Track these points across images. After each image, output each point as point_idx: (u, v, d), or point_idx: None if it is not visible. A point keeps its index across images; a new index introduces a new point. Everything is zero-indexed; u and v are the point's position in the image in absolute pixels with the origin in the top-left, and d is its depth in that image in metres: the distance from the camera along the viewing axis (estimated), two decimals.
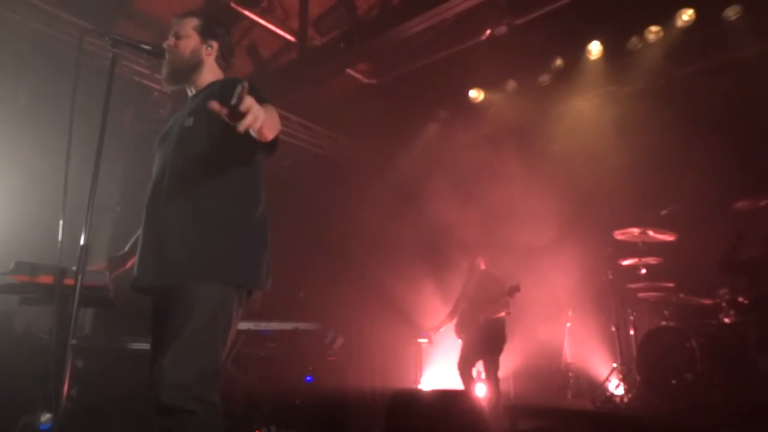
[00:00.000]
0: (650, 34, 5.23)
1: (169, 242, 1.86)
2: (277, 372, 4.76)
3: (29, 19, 4.68)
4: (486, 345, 4.95)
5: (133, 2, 5.32)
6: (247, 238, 1.93)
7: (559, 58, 5.73)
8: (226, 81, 2.14)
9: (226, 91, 1.96)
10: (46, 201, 4.09)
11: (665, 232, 4.72)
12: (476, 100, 6.40)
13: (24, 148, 4.73)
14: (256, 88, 1.82)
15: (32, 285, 1.91)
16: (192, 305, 1.77)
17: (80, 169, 2.01)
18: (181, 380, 1.70)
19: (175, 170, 1.94)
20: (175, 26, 2.19)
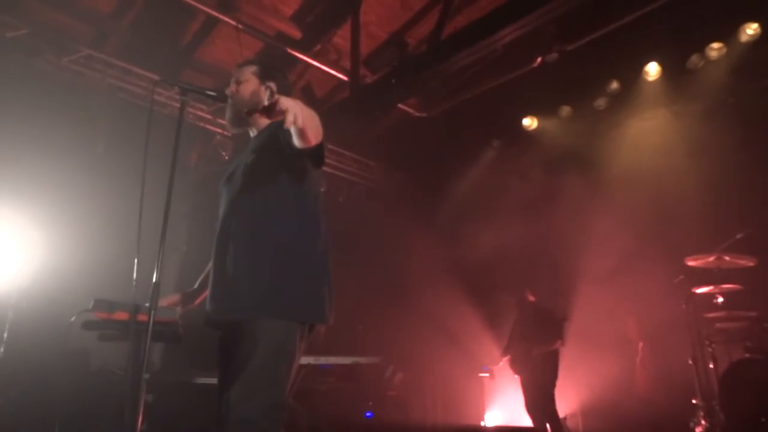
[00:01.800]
0: (712, 51, 5.03)
1: (235, 279, 1.93)
2: (337, 407, 4.74)
3: (106, 75, 5.07)
4: (543, 379, 4.83)
5: (196, 54, 5.68)
6: (309, 274, 1.97)
7: (615, 81, 5.60)
8: (281, 121, 2.23)
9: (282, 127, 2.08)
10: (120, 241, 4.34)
11: (743, 257, 4.41)
12: (530, 128, 6.33)
13: (101, 193, 5.07)
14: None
15: (110, 322, 2.00)
16: (257, 340, 1.81)
17: (151, 211, 2.13)
18: (246, 414, 1.73)
19: (239, 208, 2.03)
20: (236, 74, 2.31)
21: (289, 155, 1.91)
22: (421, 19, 5.60)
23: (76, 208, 4.95)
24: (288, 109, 1.63)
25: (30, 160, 4.71)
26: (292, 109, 1.63)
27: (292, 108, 1.63)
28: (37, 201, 4.60)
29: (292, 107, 1.64)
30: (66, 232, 4.72)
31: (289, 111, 1.63)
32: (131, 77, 5.26)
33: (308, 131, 1.76)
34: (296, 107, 1.65)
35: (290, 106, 1.63)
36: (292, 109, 1.63)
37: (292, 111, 1.63)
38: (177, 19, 5.30)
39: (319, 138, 1.83)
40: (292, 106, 1.64)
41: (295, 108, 1.64)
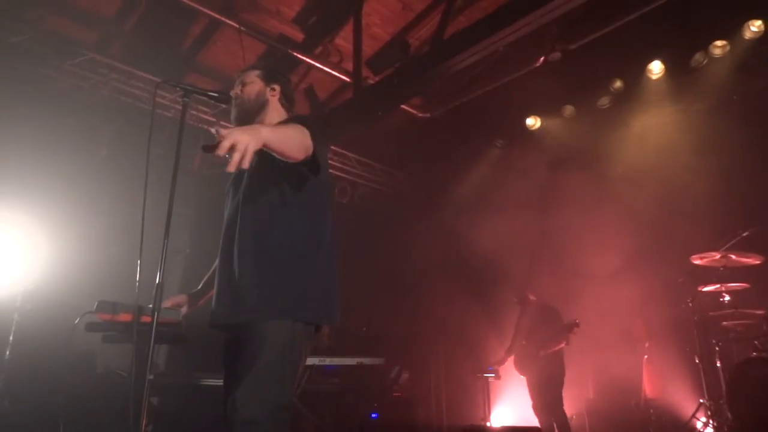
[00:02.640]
0: (716, 49, 5.01)
1: (241, 281, 1.93)
2: (342, 408, 4.73)
3: (109, 78, 5.09)
4: (549, 379, 4.82)
5: (198, 56, 5.69)
6: (315, 275, 1.97)
7: (618, 80, 5.58)
8: (289, 119, 2.23)
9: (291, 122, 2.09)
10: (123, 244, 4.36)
11: (749, 255, 4.39)
12: (533, 128, 6.32)
13: (104, 195, 5.09)
14: (299, 118, 2.01)
15: (113, 323, 2.01)
16: (263, 341, 1.82)
17: (154, 213, 2.13)
18: (252, 415, 1.73)
19: (245, 211, 2.03)
20: (240, 77, 2.33)
21: (284, 165, 1.92)
22: (423, 19, 5.60)
23: (80, 211, 4.97)
24: (225, 137, 1.53)
25: (34, 164, 4.74)
26: (229, 140, 1.52)
27: (230, 138, 1.53)
28: (41, 204, 4.62)
29: (234, 138, 1.53)
30: (70, 235, 4.74)
31: (226, 140, 1.52)
32: (134, 81, 5.28)
33: (286, 151, 1.76)
34: (241, 137, 1.54)
35: (232, 138, 1.53)
36: (229, 140, 1.52)
37: (229, 140, 1.52)
38: (179, 22, 5.32)
39: (303, 152, 1.83)
40: (235, 137, 1.53)
41: (235, 138, 1.53)
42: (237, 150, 1.53)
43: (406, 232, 6.56)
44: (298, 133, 1.84)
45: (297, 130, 1.85)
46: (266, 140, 1.66)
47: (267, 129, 1.73)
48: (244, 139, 1.55)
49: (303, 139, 1.84)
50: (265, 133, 1.67)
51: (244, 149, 1.54)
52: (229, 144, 1.53)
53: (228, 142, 1.53)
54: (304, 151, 1.84)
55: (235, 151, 1.53)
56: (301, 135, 1.84)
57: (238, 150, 1.53)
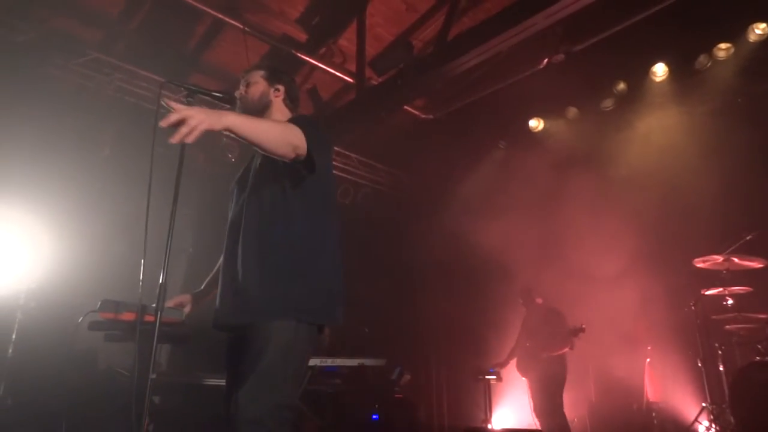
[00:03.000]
0: (720, 52, 5.00)
1: (245, 282, 1.93)
2: (343, 409, 4.72)
3: (113, 78, 5.11)
4: (550, 382, 4.81)
5: (202, 56, 5.70)
6: (318, 275, 1.97)
7: (622, 82, 5.58)
8: (292, 119, 2.24)
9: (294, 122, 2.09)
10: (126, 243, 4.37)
11: (752, 258, 4.38)
12: (536, 129, 6.31)
13: (108, 194, 5.10)
14: (300, 119, 2.02)
15: (116, 322, 2.01)
16: (267, 341, 1.82)
17: (157, 212, 2.13)
18: (255, 415, 1.73)
19: (248, 211, 2.03)
20: (245, 77, 2.33)
21: (283, 164, 1.93)
22: (426, 21, 5.60)
23: (84, 209, 4.98)
24: (177, 116, 1.53)
25: (37, 162, 4.75)
26: (180, 114, 1.53)
27: (182, 113, 1.53)
28: (44, 203, 4.63)
29: (182, 113, 1.53)
30: (73, 233, 4.75)
31: (174, 117, 1.52)
32: (138, 80, 5.29)
33: (262, 143, 1.76)
34: (189, 113, 1.54)
35: (181, 113, 1.53)
36: (180, 114, 1.53)
37: (177, 116, 1.52)
38: (183, 22, 5.33)
39: (287, 150, 1.82)
40: (183, 111, 1.54)
41: (186, 113, 1.54)
42: (186, 124, 1.55)
43: (409, 233, 6.56)
44: (280, 129, 1.83)
45: (280, 127, 1.84)
46: (230, 125, 1.67)
47: (236, 116, 1.74)
48: (198, 117, 1.57)
49: (286, 136, 1.82)
50: (231, 119, 1.69)
51: (194, 125, 1.55)
52: (177, 118, 1.55)
53: (177, 116, 1.55)
54: (288, 148, 1.82)
55: (183, 125, 1.55)
56: (285, 132, 1.83)
57: (186, 125, 1.55)
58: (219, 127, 1.65)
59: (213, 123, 1.62)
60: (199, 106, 1.70)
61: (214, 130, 1.65)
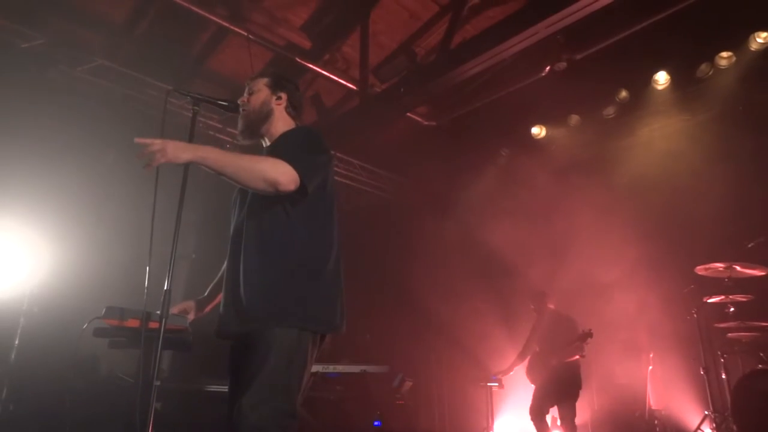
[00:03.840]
0: (721, 60, 5.02)
1: (247, 290, 1.94)
2: (345, 416, 4.72)
3: (118, 84, 5.14)
4: (561, 390, 4.75)
5: (207, 63, 5.74)
6: (320, 283, 1.98)
7: (624, 90, 5.59)
8: (294, 130, 2.25)
9: (290, 139, 2.13)
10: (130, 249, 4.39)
11: (754, 266, 4.37)
12: (538, 137, 6.32)
13: (112, 200, 5.13)
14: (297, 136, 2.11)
15: (121, 329, 2.01)
16: (269, 348, 1.83)
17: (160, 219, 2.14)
18: (258, 422, 1.74)
19: (250, 220, 2.05)
20: (248, 86, 2.34)
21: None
22: (429, 28, 5.63)
23: (88, 215, 5.00)
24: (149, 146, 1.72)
25: (43, 168, 4.78)
26: (151, 146, 1.73)
27: (153, 146, 1.73)
28: (48, 209, 4.65)
29: (154, 145, 1.74)
30: (76, 239, 4.77)
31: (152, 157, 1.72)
32: (143, 86, 5.33)
33: (238, 180, 1.87)
34: (160, 152, 1.73)
35: (151, 145, 1.74)
36: (151, 146, 1.73)
37: (148, 145, 1.73)
38: (188, 29, 5.37)
39: (265, 185, 1.87)
40: (155, 145, 1.74)
41: (154, 143, 1.73)
42: (149, 149, 1.75)
43: (411, 240, 6.57)
44: (259, 166, 1.87)
45: (260, 164, 1.88)
46: (195, 159, 1.83)
47: (209, 152, 1.86)
48: (162, 148, 1.76)
49: (263, 174, 1.86)
50: (200, 154, 1.83)
51: (156, 157, 1.76)
52: (147, 147, 1.75)
53: (147, 144, 1.74)
54: (263, 185, 1.87)
55: (148, 150, 1.75)
56: (265, 169, 1.87)
57: (150, 149, 1.75)
58: (182, 160, 1.81)
59: (176, 156, 1.79)
60: (178, 143, 1.84)
61: (177, 162, 1.81)
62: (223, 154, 1.88)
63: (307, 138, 2.14)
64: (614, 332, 5.24)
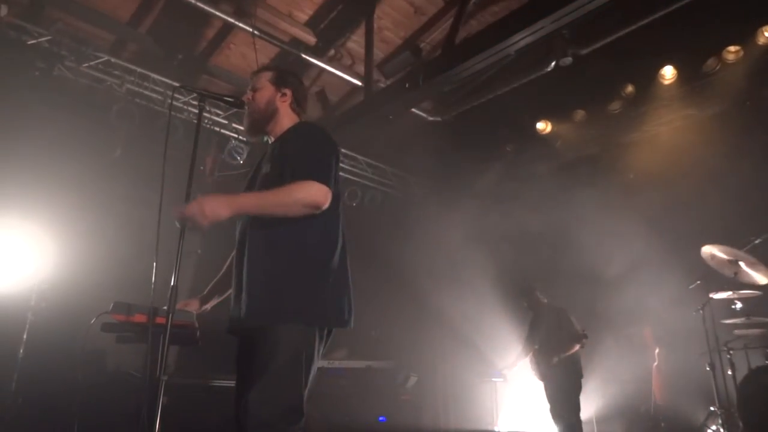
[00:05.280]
0: (729, 55, 4.98)
1: (253, 286, 1.95)
2: (350, 411, 4.74)
3: (124, 80, 5.16)
4: (563, 385, 4.76)
5: (212, 59, 5.74)
6: (327, 279, 1.99)
7: (630, 85, 5.56)
8: (300, 128, 2.25)
9: (298, 134, 2.13)
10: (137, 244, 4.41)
11: (761, 263, 4.35)
12: (544, 132, 6.30)
13: (119, 196, 5.15)
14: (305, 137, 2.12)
15: (128, 324, 2.03)
16: (276, 344, 1.84)
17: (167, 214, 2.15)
18: (265, 417, 1.75)
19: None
20: (252, 81, 2.34)
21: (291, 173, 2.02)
22: (434, 24, 5.61)
23: (94, 210, 5.03)
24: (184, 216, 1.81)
25: (49, 164, 4.80)
26: (188, 216, 1.81)
27: (190, 214, 1.81)
28: (56, 204, 4.68)
29: (189, 214, 1.81)
30: (84, 235, 4.80)
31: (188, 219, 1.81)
32: (149, 83, 5.34)
33: (278, 215, 1.92)
34: (195, 212, 1.80)
35: (189, 214, 1.81)
36: (188, 216, 1.81)
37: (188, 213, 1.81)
38: (193, 25, 5.38)
39: (306, 209, 1.92)
40: (190, 212, 1.81)
41: (193, 214, 1.80)
42: (188, 216, 1.83)
43: (416, 236, 6.57)
44: (293, 196, 1.90)
45: (293, 194, 1.90)
46: (235, 213, 1.89)
47: (244, 200, 1.94)
48: (204, 211, 1.82)
49: (303, 200, 1.90)
50: (236, 206, 1.90)
51: (196, 218, 1.82)
52: (185, 216, 1.83)
53: (184, 214, 1.83)
54: (303, 210, 1.92)
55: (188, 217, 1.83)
56: (300, 197, 1.90)
57: (189, 216, 1.83)
58: (223, 217, 1.85)
59: (216, 216, 1.83)
60: (209, 196, 1.88)
61: (219, 220, 1.85)
62: (257, 198, 1.94)
63: (316, 140, 2.12)
64: (620, 328, 5.23)
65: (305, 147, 2.07)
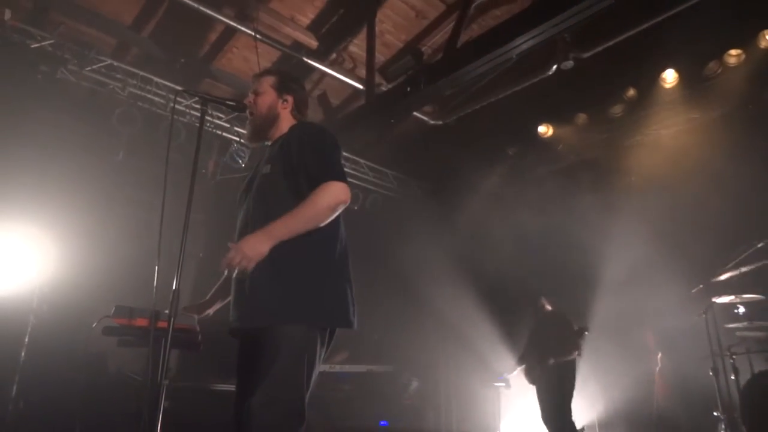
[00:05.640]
0: (730, 58, 4.97)
1: (255, 288, 1.95)
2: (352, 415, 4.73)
3: (126, 84, 5.18)
4: (558, 389, 4.77)
5: (214, 63, 5.76)
6: (329, 279, 1.99)
7: (632, 89, 5.56)
8: (297, 126, 2.27)
9: (299, 134, 2.13)
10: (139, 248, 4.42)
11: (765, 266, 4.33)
12: (545, 135, 6.30)
13: (121, 199, 5.16)
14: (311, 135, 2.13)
15: (130, 328, 2.03)
16: (278, 346, 1.83)
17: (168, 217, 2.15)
18: (268, 420, 1.74)
19: (256, 217, 2.05)
20: (254, 84, 2.34)
21: (290, 170, 2.07)
22: (436, 28, 5.63)
23: (96, 214, 5.04)
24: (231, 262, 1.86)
25: (52, 167, 4.82)
26: (233, 261, 1.85)
27: (235, 259, 1.85)
28: (58, 207, 4.69)
29: (235, 259, 1.85)
30: (86, 238, 4.81)
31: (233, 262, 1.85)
32: (151, 86, 5.36)
33: (313, 227, 1.95)
34: (241, 256, 1.85)
35: (234, 259, 1.85)
36: (233, 261, 1.85)
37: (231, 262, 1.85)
38: (196, 29, 5.39)
39: (333, 212, 1.98)
40: (236, 257, 1.85)
41: (238, 257, 1.85)
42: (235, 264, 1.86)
43: (418, 239, 6.56)
44: (319, 205, 1.94)
45: (318, 203, 1.94)
46: (276, 241, 1.91)
47: (278, 230, 1.92)
48: (247, 254, 1.86)
49: (329, 205, 1.95)
50: (275, 237, 1.91)
51: (245, 264, 1.85)
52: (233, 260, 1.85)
53: (232, 258, 1.86)
54: (333, 212, 1.98)
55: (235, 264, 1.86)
56: (324, 203, 1.95)
57: (235, 263, 1.86)
58: (265, 252, 1.89)
59: (258, 254, 1.88)
60: (245, 240, 1.92)
61: (263, 256, 1.89)
62: (287, 222, 1.93)
63: (318, 138, 2.12)
64: (622, 332, 5.21)
65: (312, 148, 2.07)
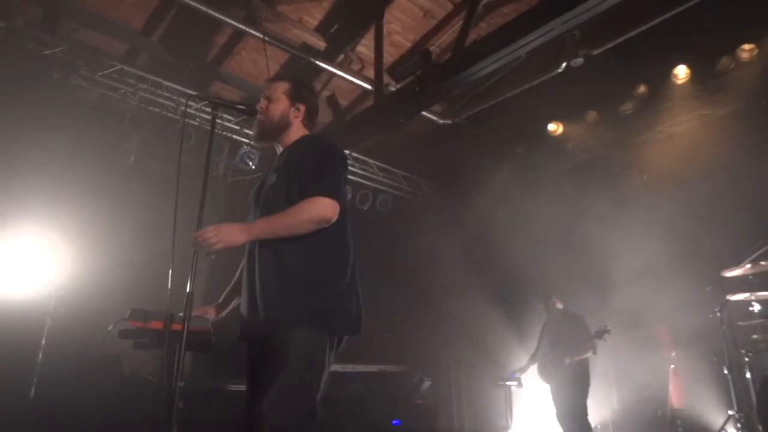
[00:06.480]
0: (743, 53, 4.92)
1: (264, 294, 1.97)
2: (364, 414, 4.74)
3: (137, 88, 5.23)
4: (574, 388, 4.75)
5: (223, 66, 5.79)
6: (337, 285, 2.00)
7: (643, 85, 5.51)
8: (304, 138, 2.29)
9: (304, 147, 2.16)
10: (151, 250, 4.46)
11: None
12: (555, 133, 6.27)
13: (134, 202, 5.21)
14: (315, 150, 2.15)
15: (145, 331, 2.05)
16: (288, 351, 1.85)
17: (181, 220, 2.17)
18: (279, 423, 1.76)
19: None
20: (267, 89, 2.35)
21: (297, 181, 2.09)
22: (444, 27, 5.62)
23: (110, 217, 5.09)
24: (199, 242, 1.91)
25: (65, 171, 4.88)
26: (203, 242, 1.90)
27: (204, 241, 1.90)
28: (72, 211, 4.75)
29: (204, 241, 1.90)
30: (100, 241, 4.87)
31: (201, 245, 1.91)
32: (161, 90, 5.41)
33: (292, 234, 1.97)
34: (211, 239, 1.89)
35: (203, 241, 1.90)
36: (203, 242, 1.90)
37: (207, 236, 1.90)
38: (205, 32, 5.43)
39: (315, 225, 1.97)
40: (206, 238, 1.90)
41: (208, 240, 1.90)
42: (205, 239, 1.91)
43: (428, 239, 6.56)
44: (304, 215, 1.96)
45: (303, 213, 1.96)
46: (251, 239, 2.00)
47: (258, 228, 1.98)
48: (215, 237, 1.91)
49: (312, 218, 1.96)
50: (253, 233, 1.98)
51: (212, 243, 1.91)
52: (204, 237, 1.90)
53: (204, 235, 1.91)
54: (312, 227, 1.96)
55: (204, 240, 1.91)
56: (309, 215, 1.96)
57: (205, 239, 1.91)
58: (239, 243, 1.96)
59: (231, 241, 1.94)
60: (226, 224, 1.98)
61: (234, 246, 1.95)
62: (269, 222, 1.98)
63: (322, 152, 2.13)
64: (636, 330, 5.18)
65: (312, 161, 2.08)
